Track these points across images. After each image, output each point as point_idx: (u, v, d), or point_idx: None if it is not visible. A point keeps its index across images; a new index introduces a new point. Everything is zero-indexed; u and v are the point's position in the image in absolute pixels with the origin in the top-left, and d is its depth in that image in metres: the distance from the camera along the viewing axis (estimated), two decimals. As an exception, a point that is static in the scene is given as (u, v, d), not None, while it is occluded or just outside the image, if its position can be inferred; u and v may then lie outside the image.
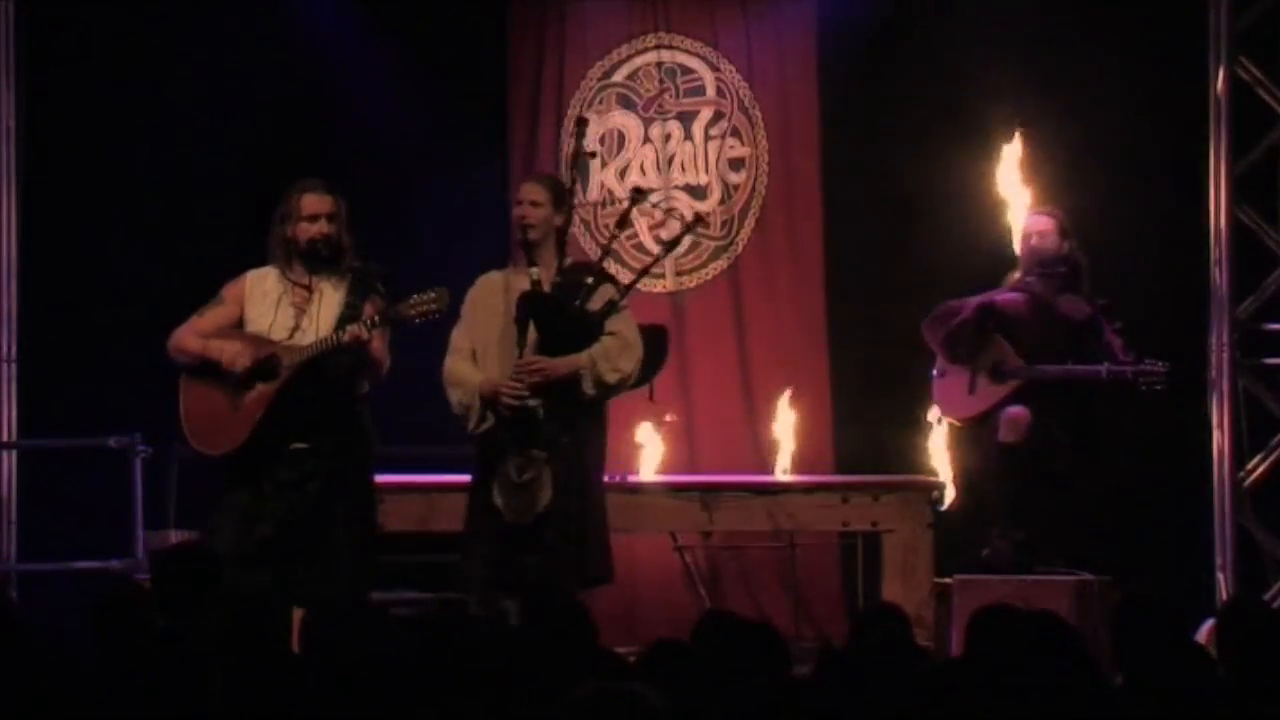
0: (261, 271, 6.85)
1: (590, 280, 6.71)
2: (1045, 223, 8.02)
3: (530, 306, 6.63)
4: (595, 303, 6.71)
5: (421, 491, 7.96)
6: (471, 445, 6.82)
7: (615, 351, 6.71)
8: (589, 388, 6.69)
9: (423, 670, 4.41)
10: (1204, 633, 6.84)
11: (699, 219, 7.46)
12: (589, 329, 6.65)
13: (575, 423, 6.70)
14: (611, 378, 6.70)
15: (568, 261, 6.78)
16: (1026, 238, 8.04)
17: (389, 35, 9.41)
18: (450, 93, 9.43)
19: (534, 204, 6.76)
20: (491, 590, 6.50)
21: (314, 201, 6.77)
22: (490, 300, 6.81)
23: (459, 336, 6.80)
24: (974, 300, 7.95)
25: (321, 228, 6.75)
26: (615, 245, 9.44)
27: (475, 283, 6.88)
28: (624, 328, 6.75)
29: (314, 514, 6.63)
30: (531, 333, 6.65)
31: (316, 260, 6.76)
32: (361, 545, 6.71)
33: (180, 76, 9.10)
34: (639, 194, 7.28)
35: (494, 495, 6.59)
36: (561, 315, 6.64)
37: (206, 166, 9.07)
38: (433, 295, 6.62)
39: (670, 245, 7.25)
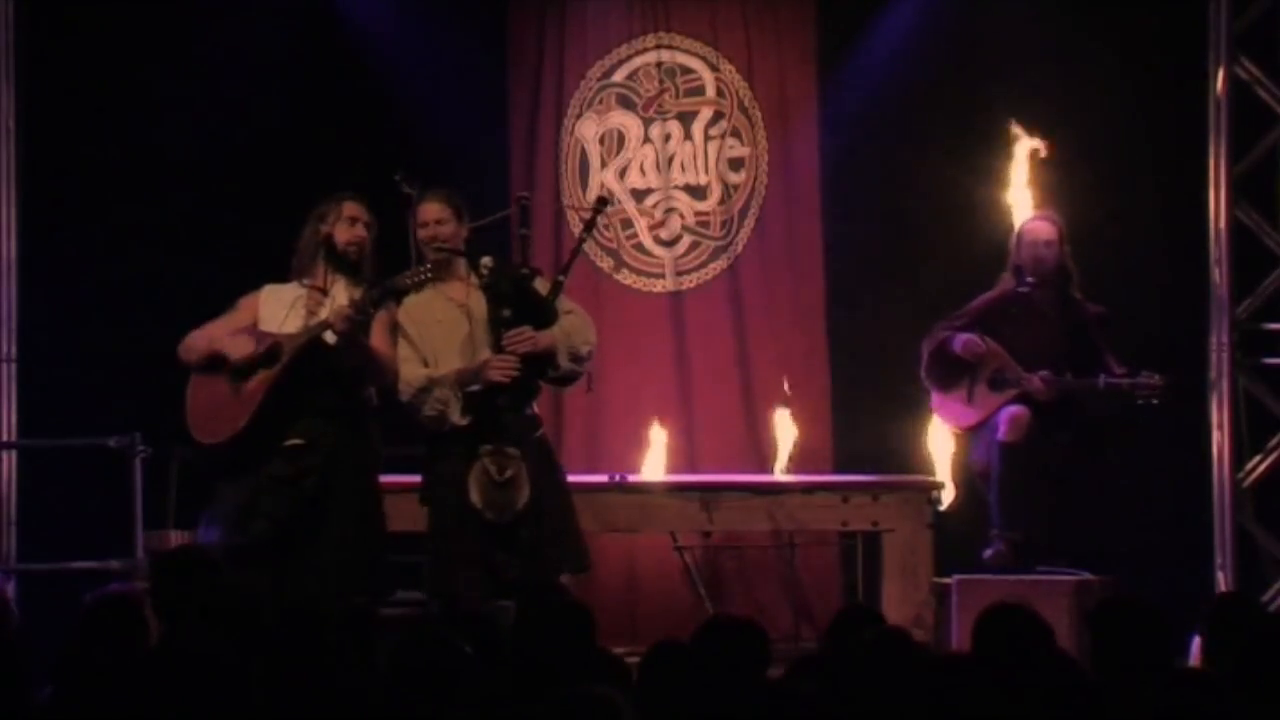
0: (280, 285, 6.94)
1: (526, 270, 6.80)
2: (1050, 230, 8.02)
3: (505, 294, 6.68)
4: (540, 289, 6.79)
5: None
6: (427, 445, 6.82)
7: (581, 325, 6.83)
8: (565, 361, 6.78)
9: (420, 672, 4.41)
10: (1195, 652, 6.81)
11: (604, 201, 7.47)
12: (550, 310, 6.71)
13: (537, 419, 6.79)
14: (584, 349, 6.81)
15: (490, 260, 6.80)
16: (1032, 243, 8.03)
17: (388, 35, 9.40)
18: (450, 92, 9.43)
19: (439, 222, 6.84)
20: (474, 591, 6.51)
21: (355, 208, 6.90)
22: (432, 307, 6.82)
23: (404, 352, 6.78)
24: (961, 338, 7.95)
25: (360, 231, 6.87)
26: (618, 248, 9.57)
27: (401, 304, 6.86)
28: (576, 306, 6.92)
29: (309, 512, 6.65)
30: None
31: (344, 264, 6.85)
32: (359, 546, 6.72)
33: (178, 79, 9.09)
34: (602, 203, 7.34)
35: (470, 495, 6.60)
36: (527, 299, 6.70)
37: (206, 166, 9.06)
38: (427, 265, 6.70)
39: (588, 226, 7.25)
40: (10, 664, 4.49)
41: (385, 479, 7.01)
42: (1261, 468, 8.72)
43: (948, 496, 8.26)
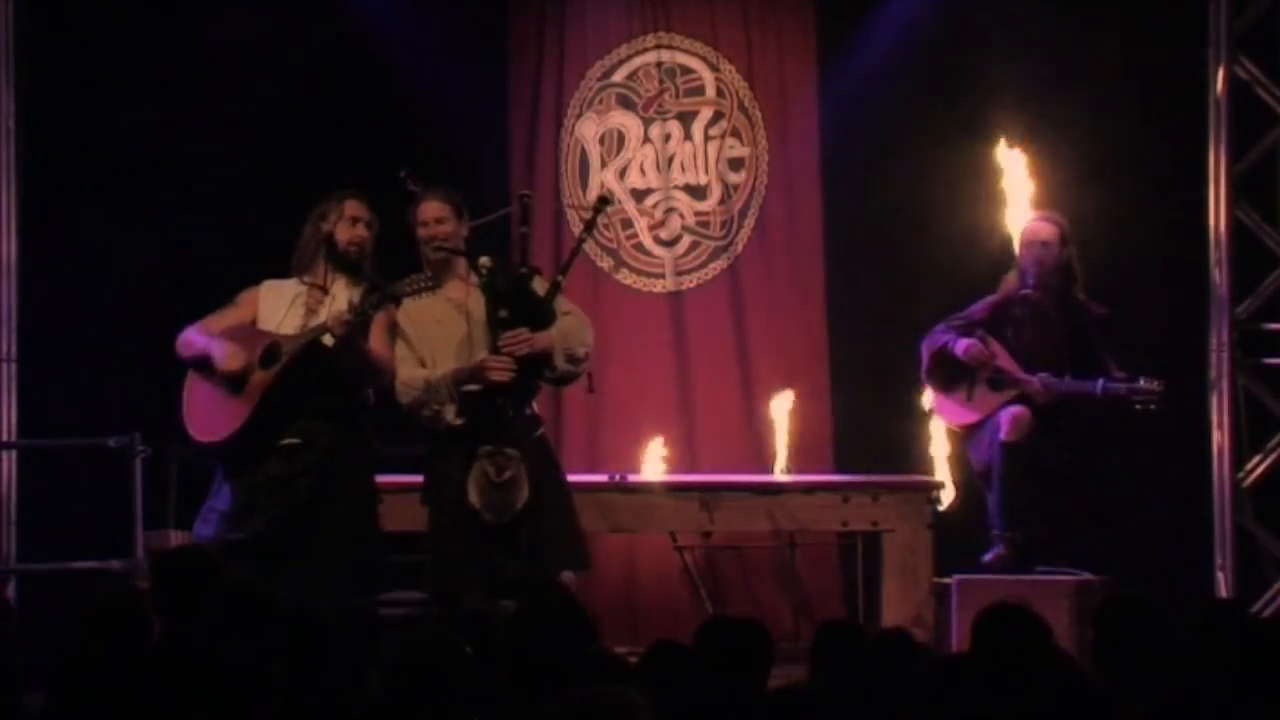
0: (280, 281, 6.94)
1: (524, 270, 6.80)
2: (1049, 230, 8.01)
3: (503, 293, 6.69)
4: (538, 288, 6.80)
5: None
6: (429, 445, 6.83)
7: (578, 327, 6.84)
8: (561, 362, 6.78)
9: (420, 672, 4.41)
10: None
11: (605, 201, 7.48)
12: (548, 311, 6.72)
13: (537, 419, 6.81)
14: (580, 351, 6.82)
15: (489, 259, 6.80)
16: (1030, 244, 8.03)
17: (388, 35, 9.40)
18: (450, 92, 9.43)
19: (438, 221, 6.85)
20: (472, 591, 6.51)
21: (357, 207, 6.90)
22: (431, 308, 6.83)
23: (402, 352, 6.79)
24: (963, 343, 7.94)
25: (361, 231, 6.88)
26: (618, 248, 9.57)
27: (400, 304, 6.88)
28: (574, 307, 6.92)
29: (305, 512, 6.65)
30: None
31: (345, 263, 6.85)
32: (355, 547, 6.72)
33: (178, 79, 9.09)
34: (603, 203, 7.35)
35: (469, 495, 6.60)
36: (525, 299, 6.71)
37: (206, 166, 9.06)
38: (428, 274, 6.72)
39: (589, 226, 7.26)
40: (6, 665, 4.49)
41: (385, 479, 7.01)
42: (1261, 468, 8.73)
43: (948, 496, 8.27)
